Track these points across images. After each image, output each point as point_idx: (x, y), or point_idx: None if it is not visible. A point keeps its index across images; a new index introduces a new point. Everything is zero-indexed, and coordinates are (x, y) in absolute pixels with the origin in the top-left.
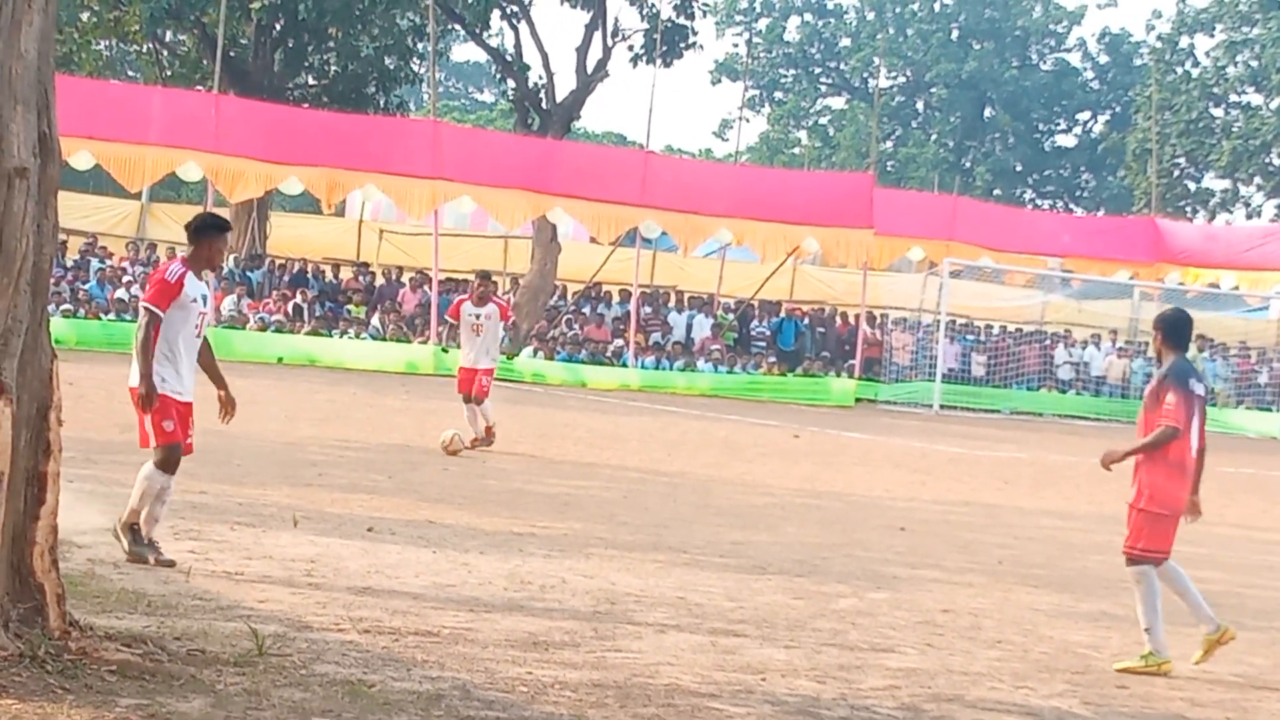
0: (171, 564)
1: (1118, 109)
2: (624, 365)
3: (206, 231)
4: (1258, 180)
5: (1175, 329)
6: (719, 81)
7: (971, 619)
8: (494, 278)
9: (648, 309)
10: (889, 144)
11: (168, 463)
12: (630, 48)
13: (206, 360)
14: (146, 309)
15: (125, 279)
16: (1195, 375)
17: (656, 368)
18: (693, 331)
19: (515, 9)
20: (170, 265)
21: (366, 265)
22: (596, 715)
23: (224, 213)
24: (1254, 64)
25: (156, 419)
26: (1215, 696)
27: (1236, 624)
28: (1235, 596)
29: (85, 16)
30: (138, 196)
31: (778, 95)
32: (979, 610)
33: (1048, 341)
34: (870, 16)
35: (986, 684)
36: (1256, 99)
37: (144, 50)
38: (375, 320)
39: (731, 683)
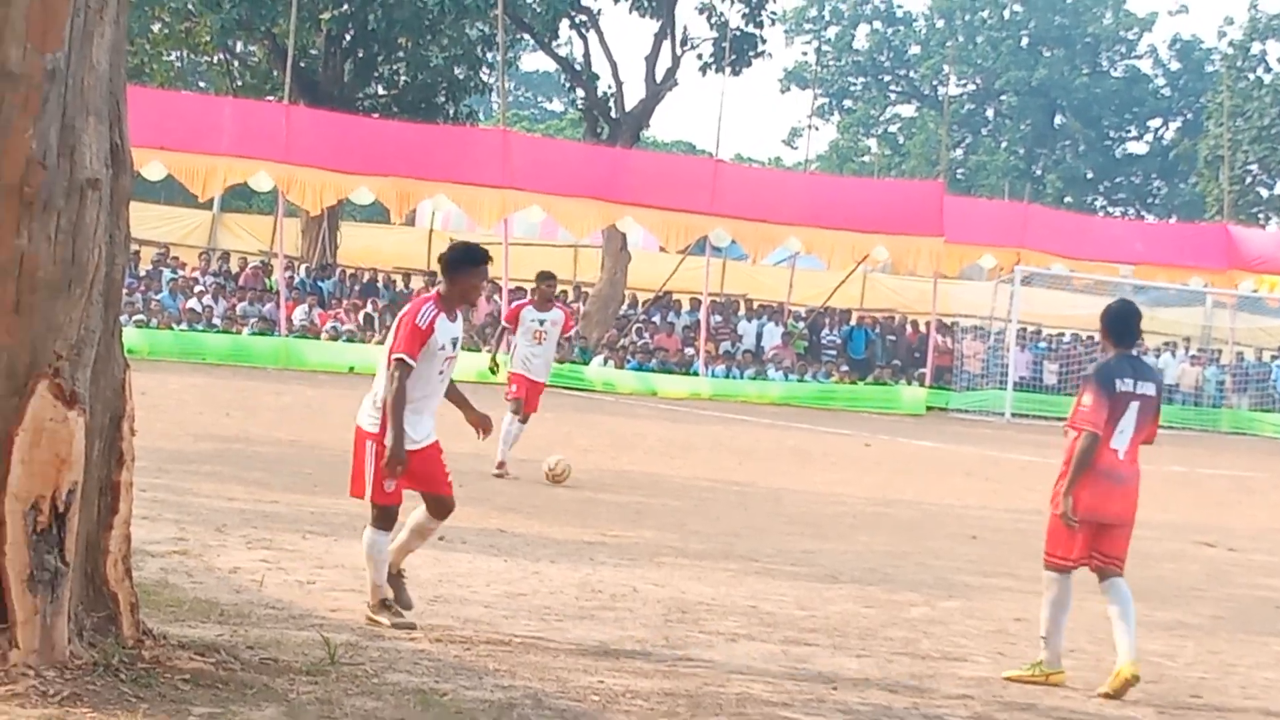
0: (412, 626)
1: (1189, 115)
2: (694, 374)
3: (463, 265)
4: None
5: (1115, 322)
6: (788, 90)
7: None
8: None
9: (718, 317)
10: (959, 151)
11: (384, 520)
12: (699, 56)
13: (449, 393)
14: (399, 360)
15: (197, 289)
16: (1127, 373)
17: (727, 376)
18: (763, 340)
19: (584, 18)
20: (422, 307)
21: (436, 275)
22: None
23: (293, 224)
24: None
25: (379, 476)
26: None
27: None
28: None
29: (156, 28)
30: (209, 207)
31: (847, 103)
32: None
33: None
34: (940, 24)
35: (1059, 693)
36: None
37: (215, 61)
38: None
39: (803, 692)
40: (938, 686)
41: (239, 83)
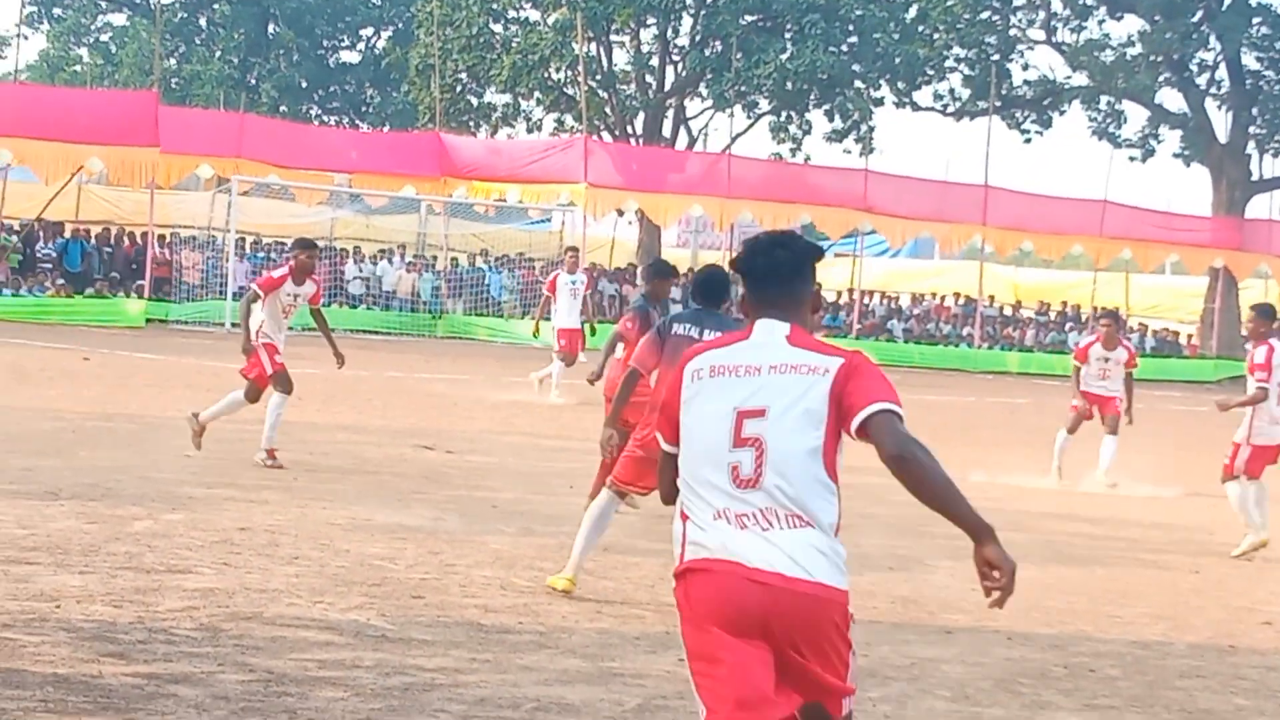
0: None
1: (400, 25)
2: None
3: None
4: (537, 94)
5: (701, 285)
6: None
7: (269, 536)
8: None
9: None
10: (173, 61)
11: None
12: None
13: None
14: None
15: None
16: (687, 321)
17: None
18: None
19: None
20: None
21: None
22: None
23: None
24: None
25: None
26: (508, 602)
27: (527, 530)
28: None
29: None
30: None
31: (57, 12)
32: (276, 527)
33: (337, 257)
34: None
35: (284, 600)
36: (534, 14)
37: None
38: None
39: (25, 611)
40: (163, 599)
41: None
